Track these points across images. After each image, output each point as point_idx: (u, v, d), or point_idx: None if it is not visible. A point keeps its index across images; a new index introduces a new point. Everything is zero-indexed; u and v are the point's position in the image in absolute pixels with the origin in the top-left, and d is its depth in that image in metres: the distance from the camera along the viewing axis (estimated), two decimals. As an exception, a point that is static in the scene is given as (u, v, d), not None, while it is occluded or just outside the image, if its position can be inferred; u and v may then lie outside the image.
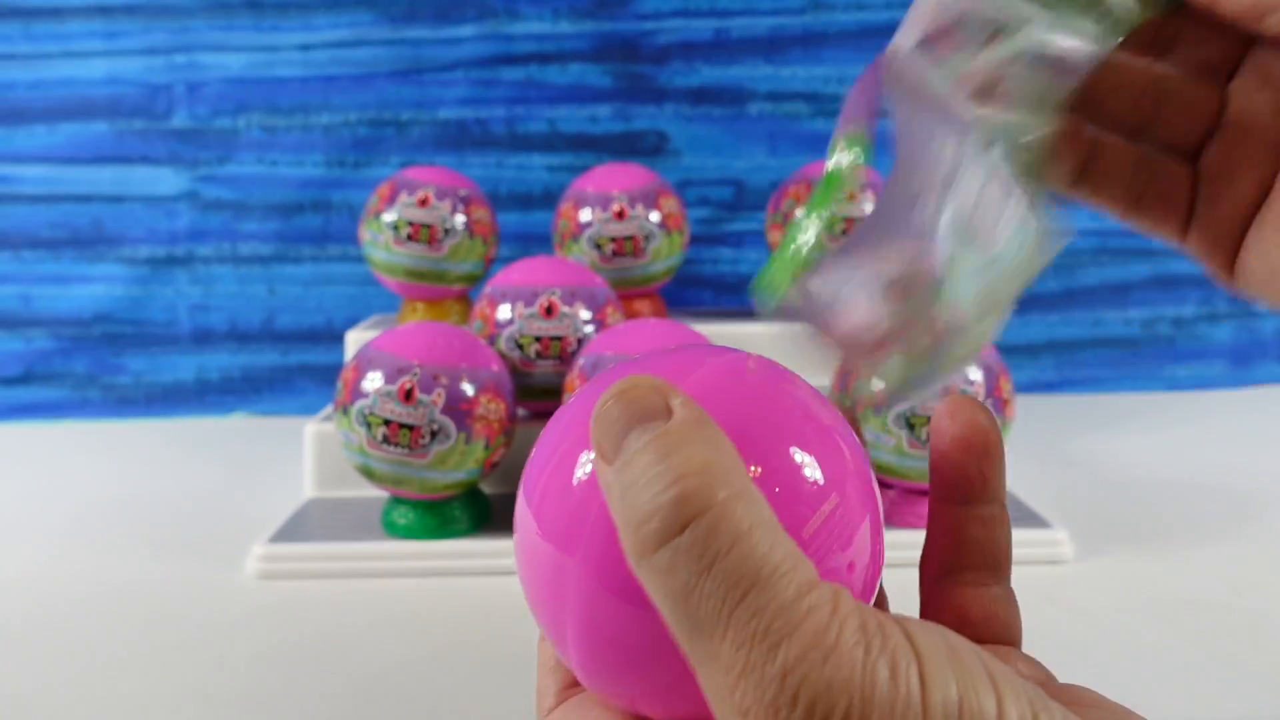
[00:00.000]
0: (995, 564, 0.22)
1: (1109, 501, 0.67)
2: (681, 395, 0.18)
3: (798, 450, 0.20)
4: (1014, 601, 0.22)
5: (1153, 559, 0.57)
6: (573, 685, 0.23)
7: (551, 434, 0.22)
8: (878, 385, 0.23)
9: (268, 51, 0.91)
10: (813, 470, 0.20)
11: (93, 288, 0.93)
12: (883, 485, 0.45)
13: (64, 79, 0.91)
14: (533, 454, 0.22)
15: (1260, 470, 0.70)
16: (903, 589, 0.24)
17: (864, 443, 0.22)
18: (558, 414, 0.22)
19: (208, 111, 0.91)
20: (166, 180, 0.92)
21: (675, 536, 0.17)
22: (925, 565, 0.23)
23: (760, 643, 0.16)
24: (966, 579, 0.22)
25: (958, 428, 0.22)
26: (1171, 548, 0.58)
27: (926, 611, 0.22)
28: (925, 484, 0.50)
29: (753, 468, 0.19)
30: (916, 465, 0.55)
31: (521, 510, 0.22)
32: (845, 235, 0.23)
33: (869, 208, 0.72)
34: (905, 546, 0.27)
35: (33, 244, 0.93)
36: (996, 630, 0.22)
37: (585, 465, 0.20)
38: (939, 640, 0.17)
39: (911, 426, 0.55)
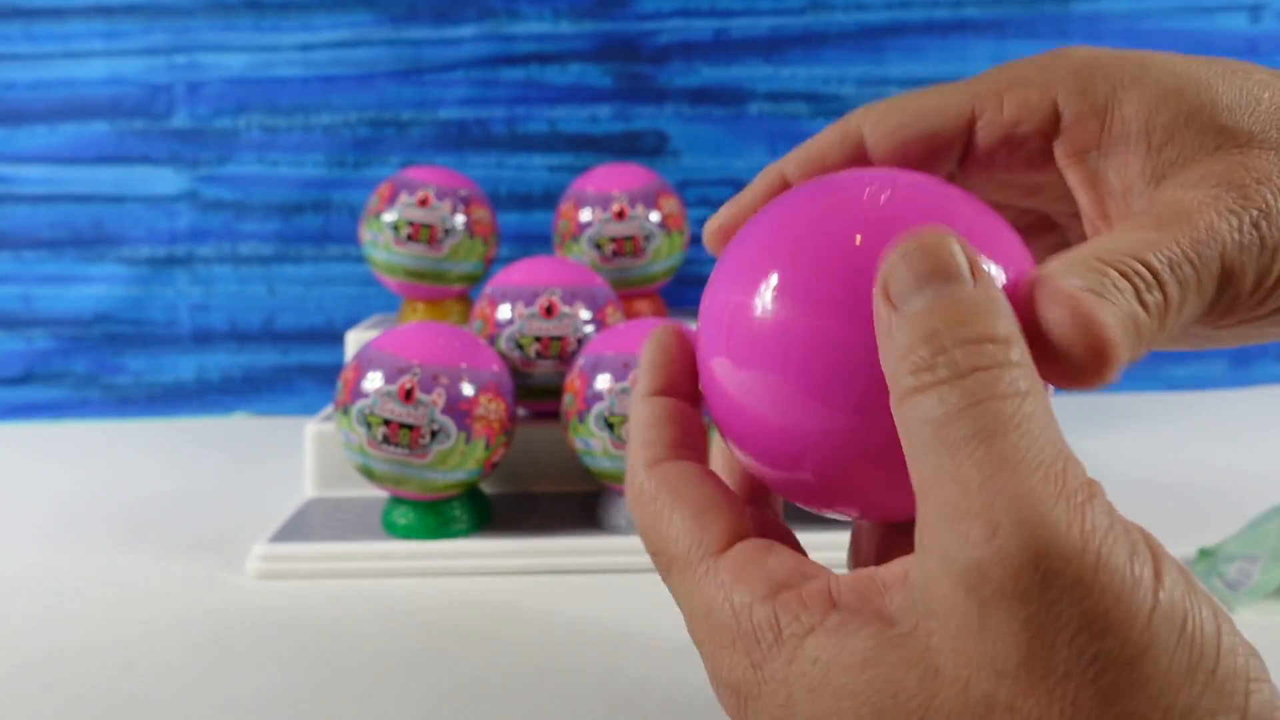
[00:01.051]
0: None
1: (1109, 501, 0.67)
2: (982, 268, 0.19)
3: (1002, 231, 0.22)
4: None
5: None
6: (683, 445, 0.24)
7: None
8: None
9: (268, 52, 0.91)
10: (1018, 249, 0.22)
11: (93, 288, 0.93)
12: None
13: (64, 79, 0.91)
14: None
15: (1260, 470, 0.70)
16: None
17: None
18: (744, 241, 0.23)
19: (208, 111, 0.91)
20: (167, 180, 0.92)
21: (959, 379, 0.18)
22: None
23: (1008, 468, 0.17)
24: None
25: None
26: (1171, 547, 0.58)
27: None
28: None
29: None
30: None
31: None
32: None
33: None
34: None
35: (33, 244, 0.93)
36: None
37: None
38: (1176, 563, 0.18)
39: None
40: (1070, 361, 0.19)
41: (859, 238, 0.21)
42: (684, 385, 0.25)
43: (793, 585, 0.20)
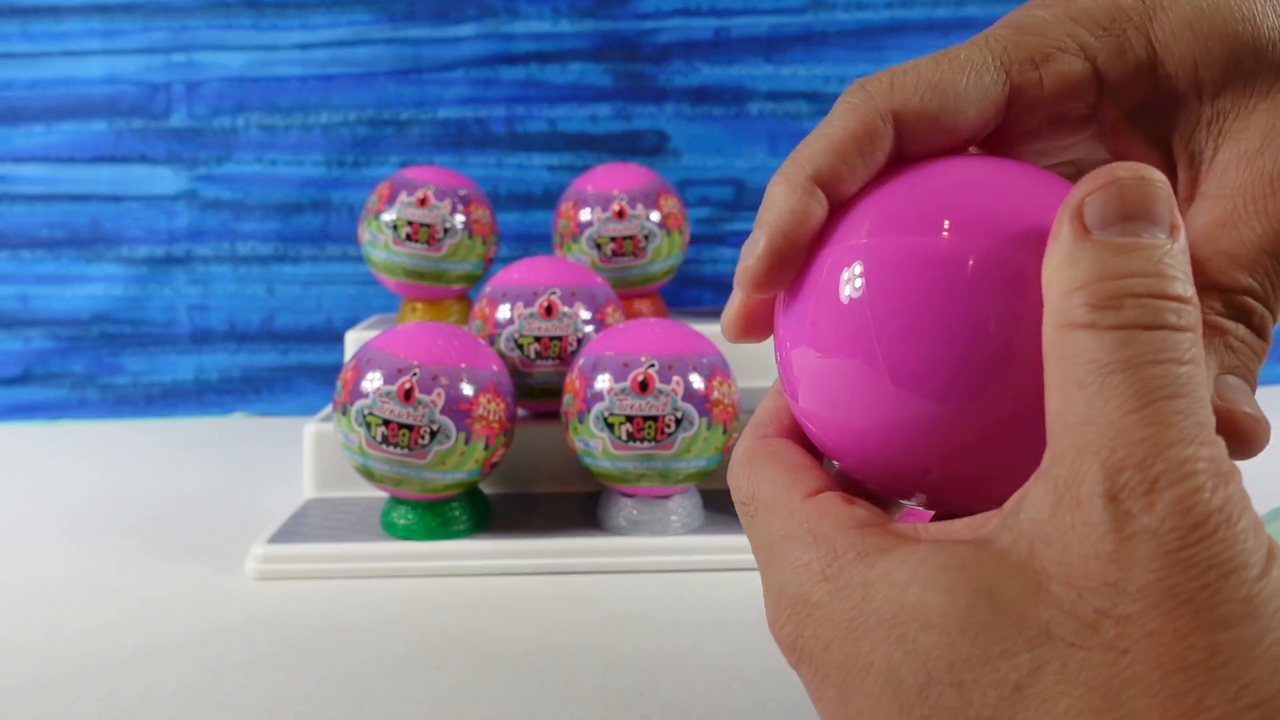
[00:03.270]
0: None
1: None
2: (1180, 225, 0.19)
3: None
4: None
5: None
6: (794, 433, 0.25)
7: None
8: None
9: (267, 51, 0.91)
10: None
11: (91, 287, 0.93)
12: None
13: (62, 78, 0.90)
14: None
15: (1260, 470, 0.70)
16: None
17: None
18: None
19: (207, 111, 0.91)
20: (165, 180, 0.92)
21: (1137, 329, 0.18)
22: None
23: (1167, 431, 0.17)
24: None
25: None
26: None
27: None
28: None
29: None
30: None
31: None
32: None
33: None
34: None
35: (31, 244, 0.92)
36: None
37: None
38: None
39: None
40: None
41: (947, 223, 0.21)
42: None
43: (877, 523, 0.21)
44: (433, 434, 0.54)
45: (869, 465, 0.23)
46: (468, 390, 0.54)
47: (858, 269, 0.21)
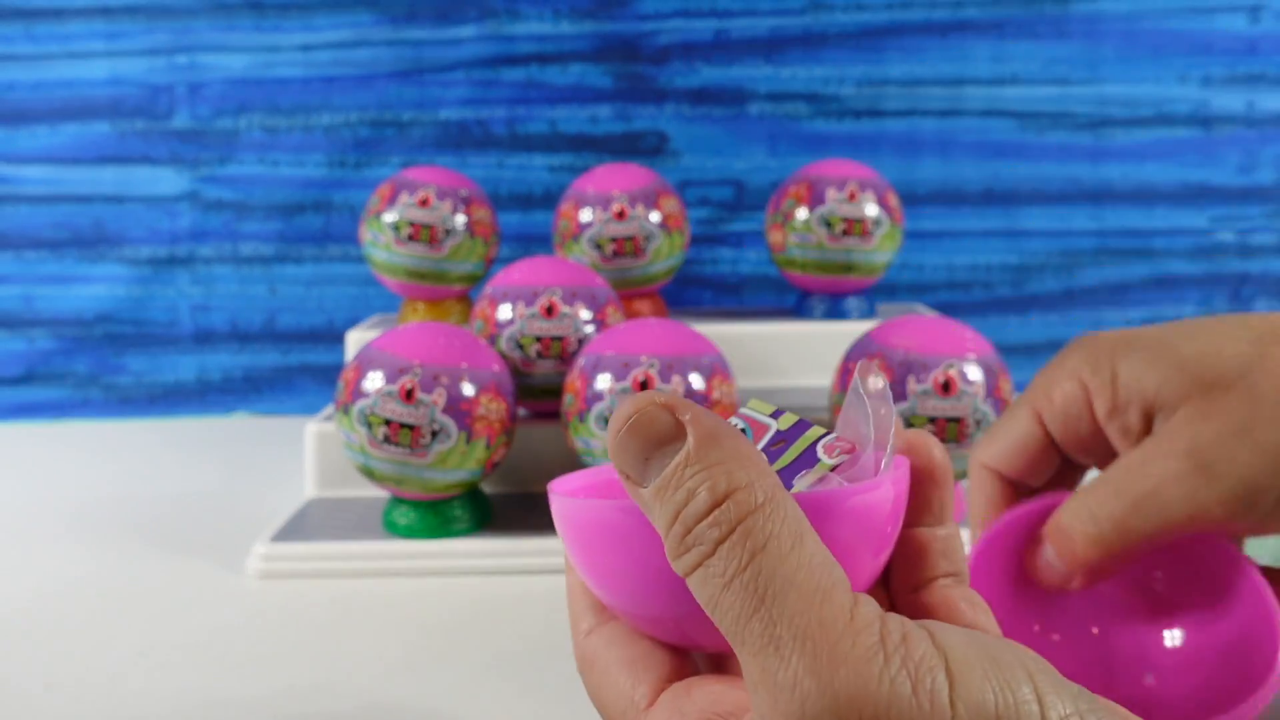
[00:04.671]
0: (958, 572, 0.24)
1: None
2: (690, 409, 0.19)
3: None
4: (979, 598, 0.24)
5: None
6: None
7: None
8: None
9: (269, 52, 0.91)
10: None
11: (94, 288, 0.93)
12: None
13: (65, 80, 0.91)
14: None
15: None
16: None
17: None
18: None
19: (209, 112, 0.91)
20: (168, 180, 0.92)
21: (707, 559, 0.18)
22: (894, 584, 0.24)
23: (778, 649, 0.17)
24: (933, 587, 0.24)
25: (919, 461, 0.23)
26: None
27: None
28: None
29: None
30: None
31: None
32: None
33: (869, 209, 0.72)
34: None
35: (34, 244, 0.93)
36: (976, 621, 0.23)
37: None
38: (972, 645, 0.17)
39: None
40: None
41: None
42: None
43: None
44: (434, 434, 0.54)
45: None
46: (469, 390, 0.55)
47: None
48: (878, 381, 0.22)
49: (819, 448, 0.22)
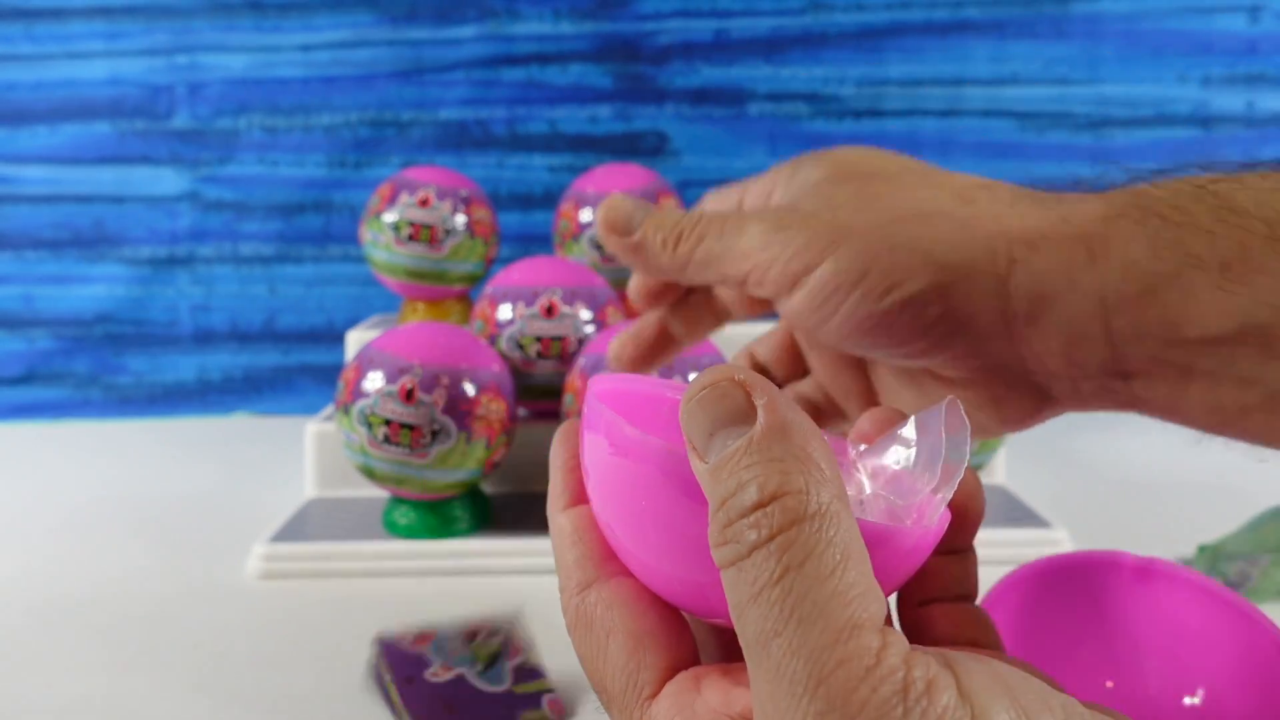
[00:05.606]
0: (969, 594, 0.23)
1: (1109, 501, 0.67)
2: (766, 393, 0.18)
3: None
4: (987, 617, 0.23)
5: (1152, 559, 0.57)
6: (612, 558, 0.23)
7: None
8: None
9: (269, 52, 0.91)
10: None
11: (94, 288, 0.93)
12: None
13: (66, 80, 0.91)
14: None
15: (1260, 470, 0.70)
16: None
17: None
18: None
19: (209, 112, 0.91)
20: (168, 181, 0.92)
21: (740, 560, 0.17)
22: (903, 597, 0.23)
23: (791, 684, 0.16)
24: (945, 604, 0.23)
25: (960, 502, 0.23)
26: (1171, 547, 0.58)
27: (909, 633, 0.23)
28: None
29: None
30: None
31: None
32: None
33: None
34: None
35: (35, 244, 0.93)
36: (979, 639, 0.23)
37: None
38: (1006, 700, 0.16)
39: None
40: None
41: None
42: None
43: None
44: (434, 434, 0.54)
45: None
46: (469, 390, 0.55)
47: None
48: (961, 425, 0.21)
49: (544, 699, 0.21)
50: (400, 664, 0.41)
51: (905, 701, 0.15)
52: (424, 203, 0.70)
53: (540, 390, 0.63)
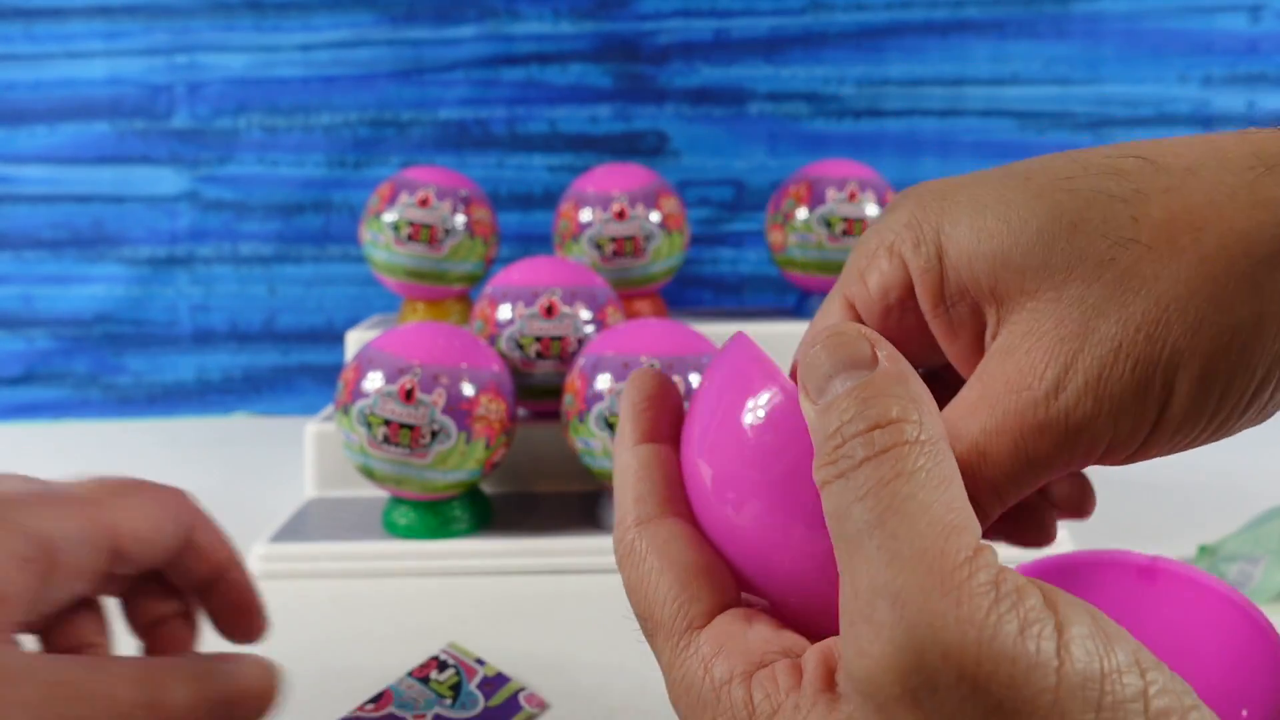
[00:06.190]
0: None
1: (1109, 501, 0.67)
2: (888, 347, 0.20)
3: None
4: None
5: (1152, 559, 0.57)
6: (675, 499, 0.24)
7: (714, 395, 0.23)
8: None
9: (268, 52, 0.91)
10: None
11: (93, 288, 0.93)
12: None
13: (64, 79, 0.91)
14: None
15: (1260, 470, 0.70)
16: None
17: None
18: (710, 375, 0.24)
19: (208, 112, 0.91)
20: (167, 180, 0.92)
21: (850, 472, 0.18)
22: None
23: (886, 563, 0.17)
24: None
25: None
26: (1171, 546, 0.58)
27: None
28: None
29: None
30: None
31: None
32: None
33: (869, 209, 0.72)
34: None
35: (33, 244, 0.93)
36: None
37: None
38: (1089, 618, 0.17)
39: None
40: None
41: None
42: (672, 431, 0.25)
43: (768, 661, 0.20)
44: (434, 434, 0.54)
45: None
46: (468, 390, 0.55)
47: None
48: None
49: (520, 698, 0.21)
50: None
51: (998, 591, 0.16)
52: (424, 203, 0.70)
53: (540, 390, 0.63)
